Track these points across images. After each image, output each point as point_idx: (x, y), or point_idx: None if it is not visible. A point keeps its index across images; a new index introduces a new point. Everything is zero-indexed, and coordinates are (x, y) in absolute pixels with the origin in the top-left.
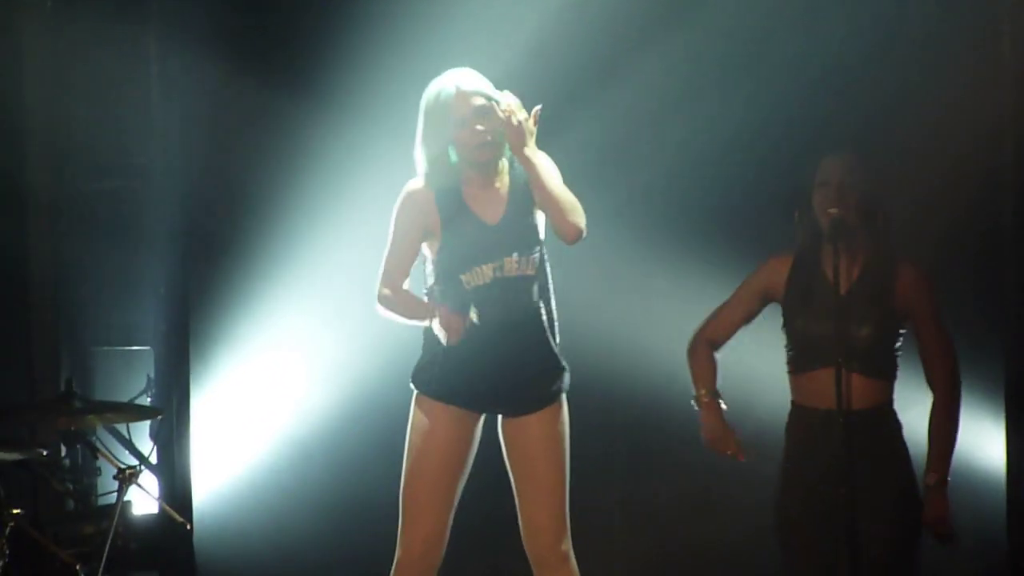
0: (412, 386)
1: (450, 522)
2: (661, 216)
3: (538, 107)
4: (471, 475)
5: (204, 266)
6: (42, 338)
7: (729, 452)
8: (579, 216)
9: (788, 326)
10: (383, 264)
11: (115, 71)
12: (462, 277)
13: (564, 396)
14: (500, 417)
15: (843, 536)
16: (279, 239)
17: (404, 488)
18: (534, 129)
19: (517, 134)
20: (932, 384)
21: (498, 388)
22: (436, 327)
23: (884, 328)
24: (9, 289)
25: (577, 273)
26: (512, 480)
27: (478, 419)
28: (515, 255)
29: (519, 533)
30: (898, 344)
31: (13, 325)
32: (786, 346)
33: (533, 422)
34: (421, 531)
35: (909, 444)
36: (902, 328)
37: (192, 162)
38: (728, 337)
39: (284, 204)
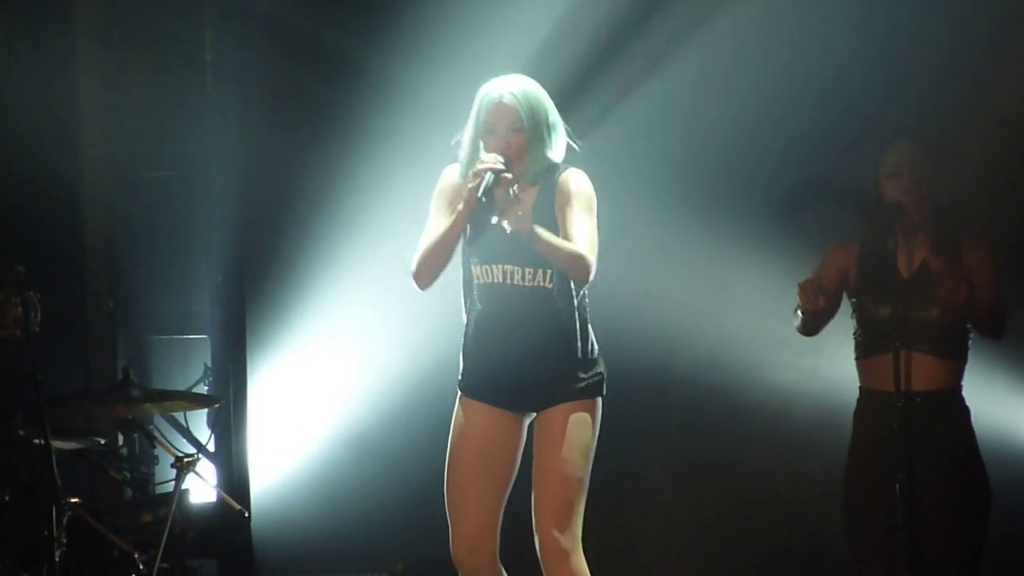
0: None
1: (495, 519)
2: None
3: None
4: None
5: (260, 254)
6: (98, 327)
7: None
8: (582, 268)
9: (858, 312)
10: (419, 244)
11: (168, 60)
12: (474, 269)
13: (595, 399)
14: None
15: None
16: (334, 228)
17: (445, 486)
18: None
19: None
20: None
21: (519, 382)
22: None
23: (948, 308)
24: (65, 278)
25: (633, 258)
26: None
27: (518, 419)
28: (526, 267)
29: None
30: (969, 326)
31: (70, 314)
32: (855, 332)
33: (553, 416)
34: (462, 529)
35: (978, 432)
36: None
37: (246, 150)
38: (829, 314)
39: (339, 192)
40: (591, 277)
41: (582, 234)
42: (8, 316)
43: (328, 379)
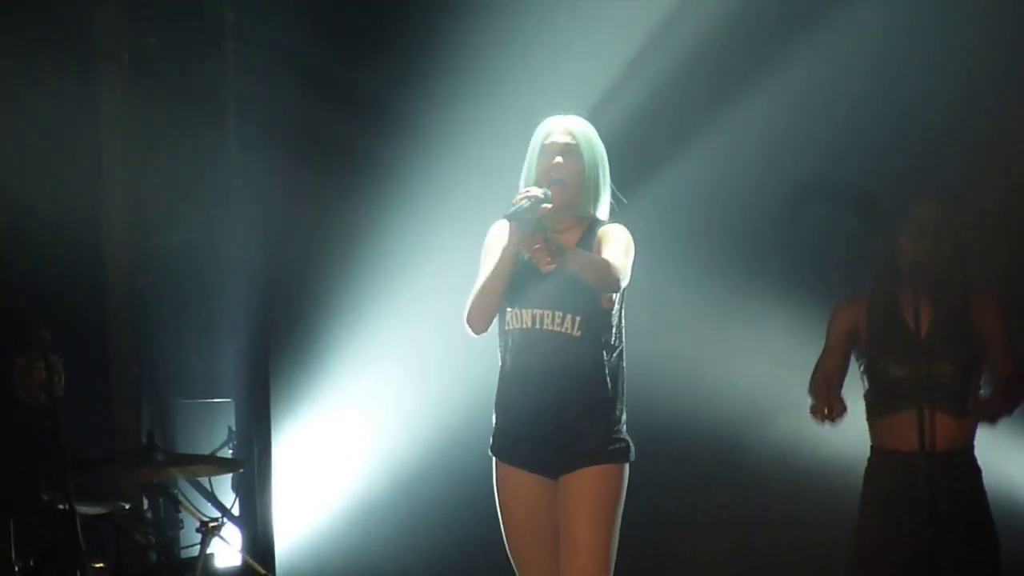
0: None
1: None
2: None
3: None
4: None
5: (284, 317)
6: (123, 390)
7: (825, 409)
8: (609, 274)
9: (869, 370)
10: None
11: (191, 122)
12: (507, 312)
13: (622, 465)
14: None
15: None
16: (360, 288)
17: (509, 553)
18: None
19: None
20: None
21: (544, 443)
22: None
23: (966, 365)
24: (90, 341)
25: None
26: None
27: (547, 488)
28: (556, 311)
29: None
30: (981, 381)
31: (94, 378)
32: (866, 392)
33: (577, 480)
34: None
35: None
36: (982, 364)
37: (270, 212)
38: (840, 379)
39: (365, 253)
40: (619, 284)
41: (611, 252)
42: (32, 381)
43: (351, 442)
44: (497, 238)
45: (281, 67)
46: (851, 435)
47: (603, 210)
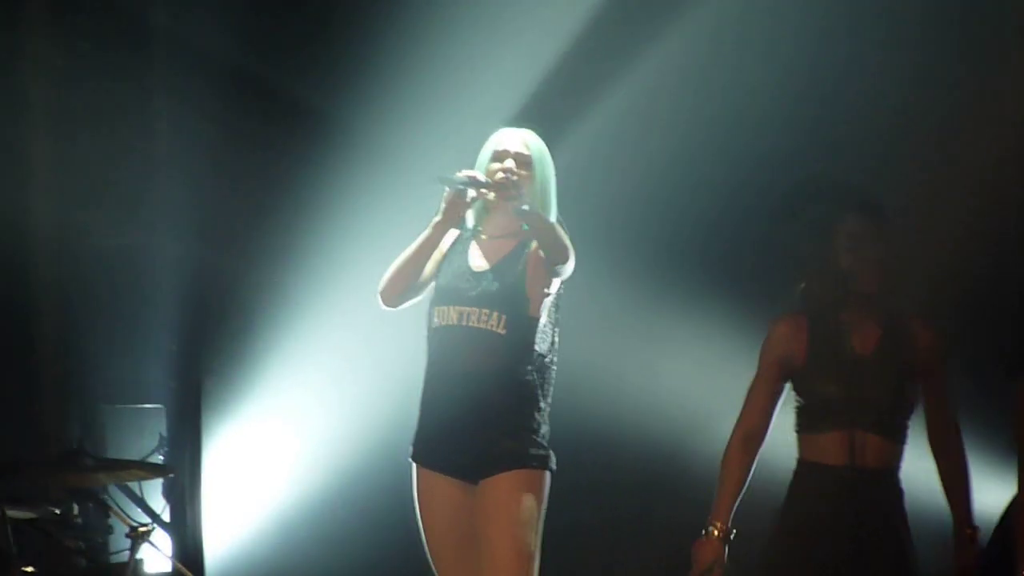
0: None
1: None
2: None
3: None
4: None
5: (215, 323)
6: (51, 395)
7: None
8: (562, 246)
9: (802, 387)
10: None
11: (122, 124)
12: (434, 311)
13: (542, 472)
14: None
15: None
16: (292, 294)
17: (431, 562)
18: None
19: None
20: (942, 442)
21: (463, 445)
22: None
23: (902, 390)
24: (17, 345)
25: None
26: None
27: (464, 493)
28: (484, 309)
29: None
30: (914, 406)
31: (21, 381)
32: (798, 406)
33: (493, 485)
34: None
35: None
36: (916, 390)
37: (201, 217)
38: (766, 426)
39: (294, 259)
40: (568, 257)
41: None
42: None
43: (283, 448)
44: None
45: (208, 70)
46: (778, 449)
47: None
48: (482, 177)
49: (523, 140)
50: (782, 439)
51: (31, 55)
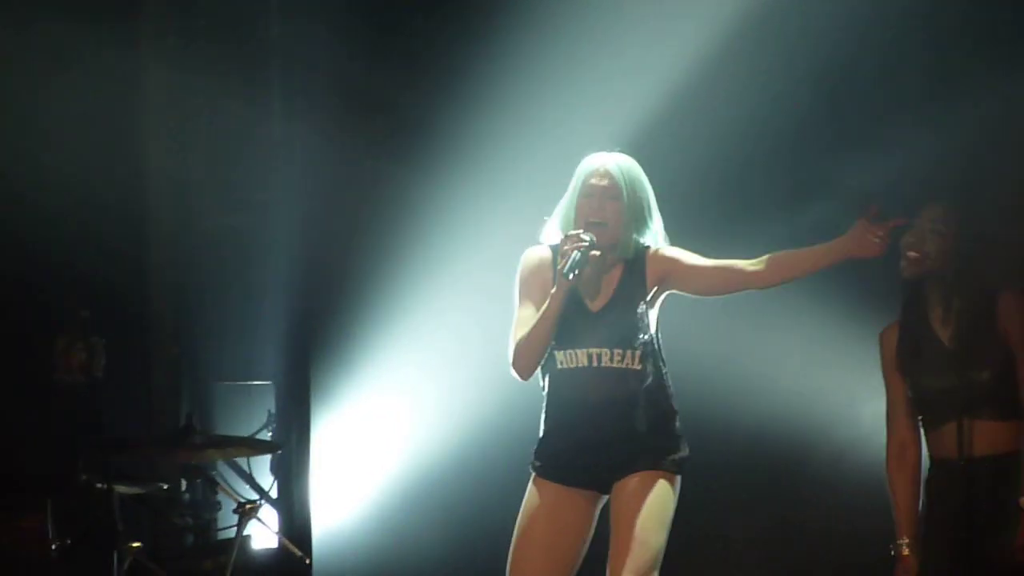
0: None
1: None
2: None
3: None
4: None
5: (325, 301)
6: (163, 372)
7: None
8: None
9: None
10: (512, 331)
11: (238, 107)
12: (557, 355)
13: (675, 475)
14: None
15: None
16: (400, 277)
17: (508, 564)
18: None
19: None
20: None
21: (596, 460)
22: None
23: (1000, 367)
24: (130, 324)
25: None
26: None
27: (591, 500)
28: (613, 348)
29: None
30: (1016, 381)
31: (134, 359)
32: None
33: (631, 483)
34: None
35: None
36: (1016, 367)
37: (314, 198)
38: (916, 434)
39: (405, 241)
40: None
41: (705, 259)
42: (72, 361)
43: (392, 426)
44: (533, 272)
45: (323, 54)
46: None
47: (655, 239)
48: (586, 238)
49: (607, 170)
50: None
51: (149, 30)
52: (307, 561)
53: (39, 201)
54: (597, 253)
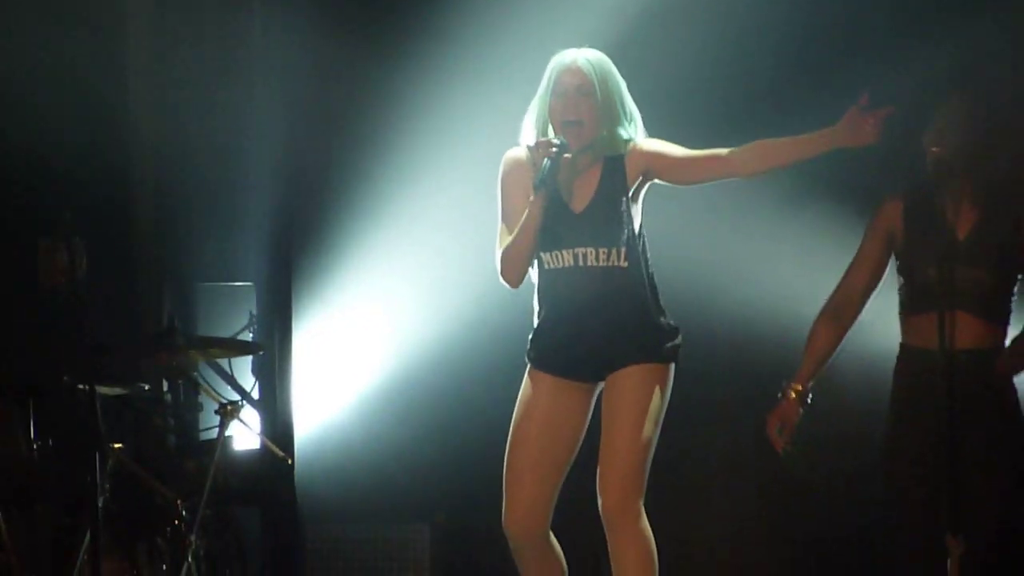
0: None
1: (553, 493)
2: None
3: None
4: None
5: (308, 203)
6: (145, 274)
7: (776, 447)
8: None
9: (902, 268)
10: (497, 239)
11: (217, 7)
12: (542, 255)
13: (668, 364)
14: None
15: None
16: (383, 178)
17: (506, 455)
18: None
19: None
20: None
21: (588, 351)
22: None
23: (1000, 273)
24: (113, 225)
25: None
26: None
27: (587, 390)
28: (598, 247)
29: None
30: (1015, 289)
31: (116, 261)
32: (900, 287)
33: (625, 376)
34: (519, 499)
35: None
36: (1021, 273)
37: (297, 99)
38: (860, 300)
39: (388, 143)
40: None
41: (682, 149)
42: (55, 265)
43: (373, 328)
44: (513, 176)
45: None
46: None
47: (634, 133)
48: (555, 142)
49: (578, 67)
50: None
51: None
52: (289, 462)
53: (22, 104)
54: (569, 156)
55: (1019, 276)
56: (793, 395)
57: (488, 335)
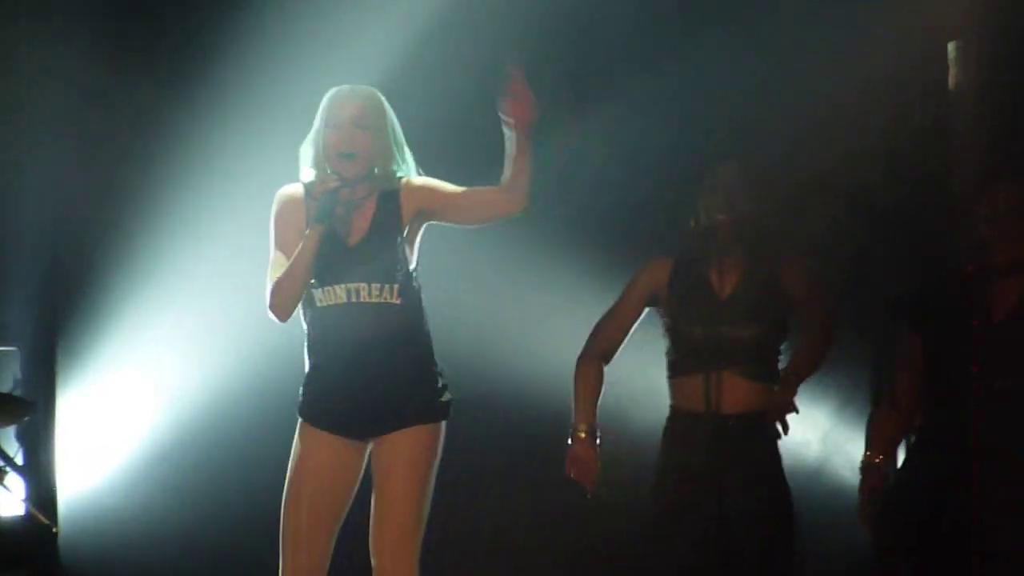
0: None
1: (328, 548)
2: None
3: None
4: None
5: (74, 265)
6: None
7: (587, 486)
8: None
9: (670, 331)
10: (268, 273)
11: None
12: (316, 293)
13: (439, 423)
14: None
15: (714, 534)
16: (152, 239)
17: (281, 517)
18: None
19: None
20: (809, 326)
21: (365, 406)
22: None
23: (765, 332)
24: None
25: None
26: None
27: (359, 450)
28: (371, 282)
29: None
30: (780, 349)
31: None
32: (667, 351)
33: (394, 440)
34: (299, 564)
35: (784, 454)
36: (784, 334)
37: (64, 159)
38: (618, 346)
39: (158, 205)
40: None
41: (472, 189)
42: None
43: (141, 392)
44: (285, 212)
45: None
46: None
47: (407, 170)
48: (333, 182)
49: (352, 100)
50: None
51: None
52: (53, 529)
53: None
54: (348, 191)
55: (783, 336)
56: (583, 435)
57: (257, 393)
